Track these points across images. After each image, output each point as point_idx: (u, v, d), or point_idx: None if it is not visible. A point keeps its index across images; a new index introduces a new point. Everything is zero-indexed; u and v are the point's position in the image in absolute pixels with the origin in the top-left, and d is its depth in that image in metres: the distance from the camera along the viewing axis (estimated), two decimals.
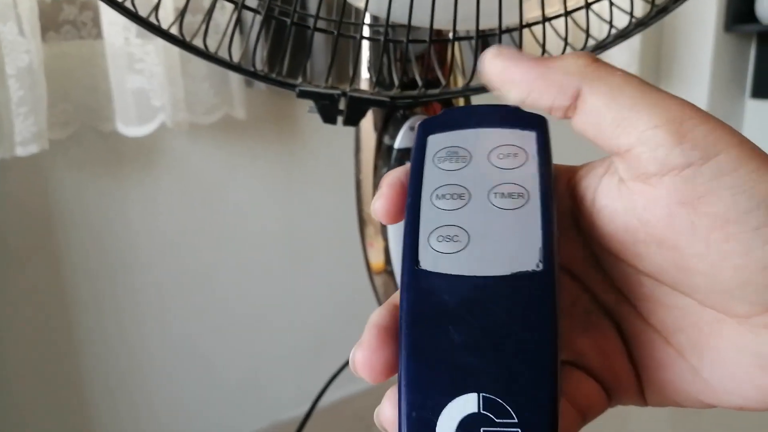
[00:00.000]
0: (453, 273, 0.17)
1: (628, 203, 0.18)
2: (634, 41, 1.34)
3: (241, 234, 1.07)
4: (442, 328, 0.16)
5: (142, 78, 0.84)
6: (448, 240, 0.18)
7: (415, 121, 0.42)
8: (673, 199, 0.16)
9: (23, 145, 0.79)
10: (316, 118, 0.36)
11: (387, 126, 0.42)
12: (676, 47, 1.53)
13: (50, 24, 0.86)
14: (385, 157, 0.43)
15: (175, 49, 0.87)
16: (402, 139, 0.42)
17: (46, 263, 0.92)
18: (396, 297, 0.19)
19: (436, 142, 0.20)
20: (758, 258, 0.15)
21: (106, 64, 0.85)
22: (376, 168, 0.43)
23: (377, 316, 0.18)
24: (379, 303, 0.51)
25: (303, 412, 1.18)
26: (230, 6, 0.32)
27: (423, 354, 0.16)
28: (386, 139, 0.42)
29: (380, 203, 0.20)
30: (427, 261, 0.17)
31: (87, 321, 0.96)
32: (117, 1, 0.31)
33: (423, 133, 0.21)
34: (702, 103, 1.51)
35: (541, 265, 0.17)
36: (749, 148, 0.16)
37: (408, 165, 0.20)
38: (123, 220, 0.96)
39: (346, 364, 0.57)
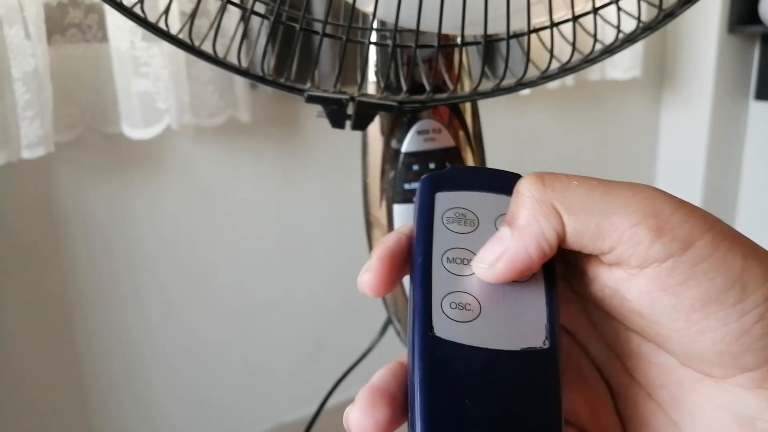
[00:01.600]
0: (467, 343, 0.18)
1: (612, 283, 0.18)
2: (638, 43, 1.34)
3: (244, 235, 1.07)
4: (458, 399, 0.17)
5: (148, 81, 0.84)
6: (461, 308, 0.18)
7: (422, 125, 0.42)
8: (654, 287, 0.17)
9: (29, 148, 0.79)
10: (321, 121, 0.36)
11: (394, 130, 0.42)
12: (680, 49, 1.53)
13: (56, 27, 0.86)
14: (393, 161, 0.43)
15: (180, 53, 0.87)
16: (409, 142, 0.42)
17: (51, 264, 0.92)
18: (402, 356, 0.19)
19: (444, 200, 0.20)
20: (734, 330, 0.16)
21: (111, 67, 0.85)
22: (383, 172, 0.43)
23: (379, 379, 0.18)
24: (387, 309, 0.51)
25: (305, 413, 1.19)
26: (236, 10, 0.32)
27: (440, 424, 0.16)
28: (393, 143, 0.42)
29: (368, 277, 0.19)
30: (441, 328, 0.18)
31: (90, 322, 0.96)
32: (126, 7, 0.31)
33: (429, 189, 0.20)
34: (706, 105, 1.51)
35: (547, 343, 0.18)
36: (720, 230, 0.17)
37: (402, 229, 0.20)
38: (127, 221, 0.96)
39: (352, 368, 0.57)
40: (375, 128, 0.42)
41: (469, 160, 0.44)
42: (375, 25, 0.37)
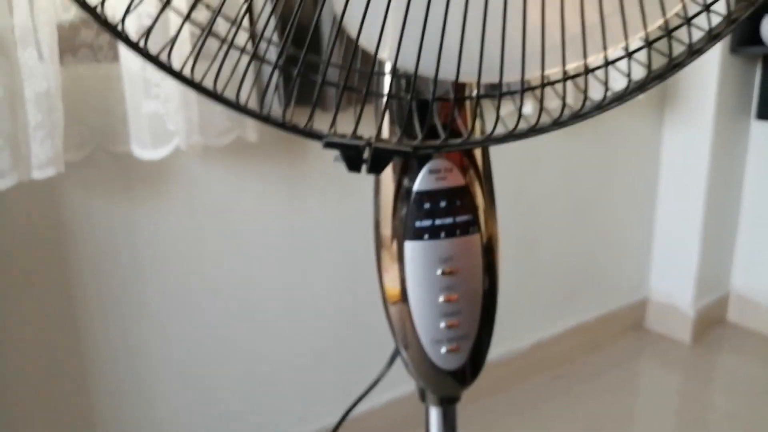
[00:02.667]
0: None
1: None
2: None
3: (250, 253, 1.08)
4: None
5: (158, 103, 0.85)
6: None
7: (434, 164, 0.43)
8: None
9: (40, 168, 0.80)
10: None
11: (406, 169, 0.43)
12: (683, 70, 1.54)
13: (67, 47, 0.87)
14: (405, 199, 0.44)
15: None
16: (421, 181, 0.43)
17: (60, 282, 0.92)
18: None
19: None
20: None
21: (122, 88, 0.86)
22: (395, 209, 0.44)
23: None
24: (394, 336, 0.52)
25: (303, 425, 1.19)
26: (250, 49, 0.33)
27: None
28: (406, 182, 0.43)
29: None
30: None
31: (96, 338, 0.97)
32: (133, 42, 0.32)
33: None
34: (708, 124, 1.52)
35: None
36: None
37: None
38: (136, 239, 0.97)
39: (359, 399, 0.58)
40: (388, 168, 0.43)
41: (479, 197, 0.45)
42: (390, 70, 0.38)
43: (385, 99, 0.34)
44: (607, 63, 0.33)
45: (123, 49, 0.85)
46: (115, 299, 0.97)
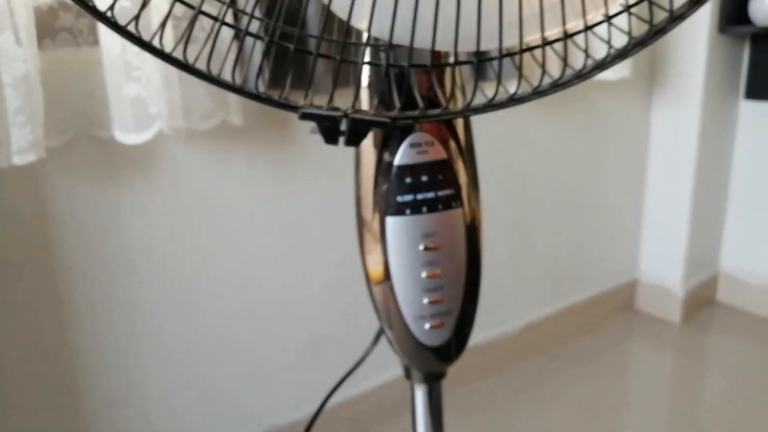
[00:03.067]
0: None
1: None
2: None
3: (237, 238, 1.07)
4: None
5: (139, 86, 0.84)
6: None
7: (414, 138, 0.42)
8: None
9: (20, 154, 0.79)
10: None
11: (387, 143, 0.43)
12: (670, 49, 1.53)
13: (46, 31, 0.86)
14: (385, 174, 0.43)
15: None
16: (402, 155, 0.43)
17: (44, 269, 0.92)
18: None
19: None
20: None
21: (102, 72, 0.85)
22: (376, 184, 0.43)
23: None
24: (378, 315, 0.52)
25: (302, 414, 1.19)
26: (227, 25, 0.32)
27: None
28: (386, 156, 0.43)
29: None
30: None
31: (83, 327, 0.96)
32: (120, 25, 0.31)
33: None
34: (696, 104, 1.52)
35: None
36: None
37: None
38: (120, 225, 0.96)
39: (346, 376, 0.57)
40: (368, 141, 0.42)
41: (461, 172, 0.44)
42: (368, 41, 0.38)
43: (361, 67, 0.34)
44: (587, 28, 0.33)
45: (103, 33, 0.84)
46: (101, 285, 0.96)
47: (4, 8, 0.76)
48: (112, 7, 0.31)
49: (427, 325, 0.45)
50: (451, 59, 0.34)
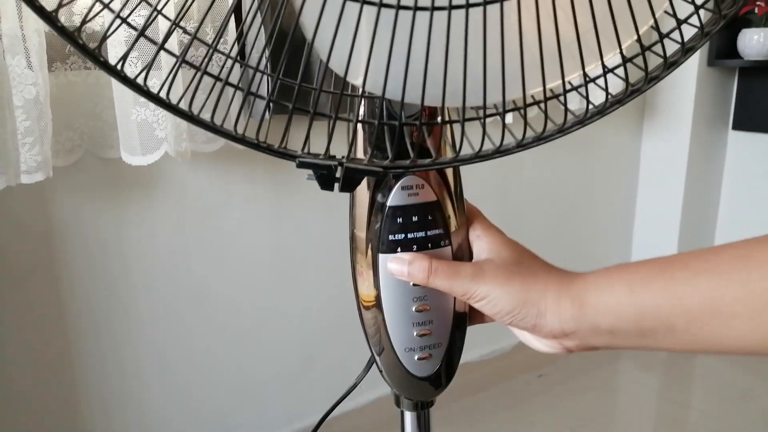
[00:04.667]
0: None
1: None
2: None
3: (237, 255, 1.10)
4: None
5: (147, 110, 0.87)
6: None
7: (406, 181, 0.45)
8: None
9: (28, 173, 0.81)
10: None
11: (380, 184, 0.45)
12: (661, 81, 1.57)
13: (57, 55, 0.89)
14: (379, 214, 0.46)
15: (179, 80, 0.89)
16: (394, 197, 0.45)
17: (49, 285, 0.94)
18: None
19: None
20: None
21: (111, 95, 0.88)
22: (369, 223, 0.46)
23: None
24: (367, 339, 0.54)
25: (295, 428, 1.20)
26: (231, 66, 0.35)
27: None
28: (379, 197, 0.45)
29: None
30: None
31: (88, 340, 0.98)
32: (130, 79, 0.34)
33: None
34: (686, 134, 1.55)
35: None
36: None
37: None
38: (124, 243, 0.98)
39: (338, 402, 0.59)
40: (362, 183, 0.45)
41: (450, 213, 0.47)
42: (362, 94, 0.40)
43: (356, 123, 0.37)
44: (566, 91, 0.36)
45: (112, 57, 0.87)
46: (105, 299, 0.98)
47: (16, 33, 0.79)
48: (123, 60, 0.34)
49: (416, 357, 0.47)
50: (439, 119, 0.36)
